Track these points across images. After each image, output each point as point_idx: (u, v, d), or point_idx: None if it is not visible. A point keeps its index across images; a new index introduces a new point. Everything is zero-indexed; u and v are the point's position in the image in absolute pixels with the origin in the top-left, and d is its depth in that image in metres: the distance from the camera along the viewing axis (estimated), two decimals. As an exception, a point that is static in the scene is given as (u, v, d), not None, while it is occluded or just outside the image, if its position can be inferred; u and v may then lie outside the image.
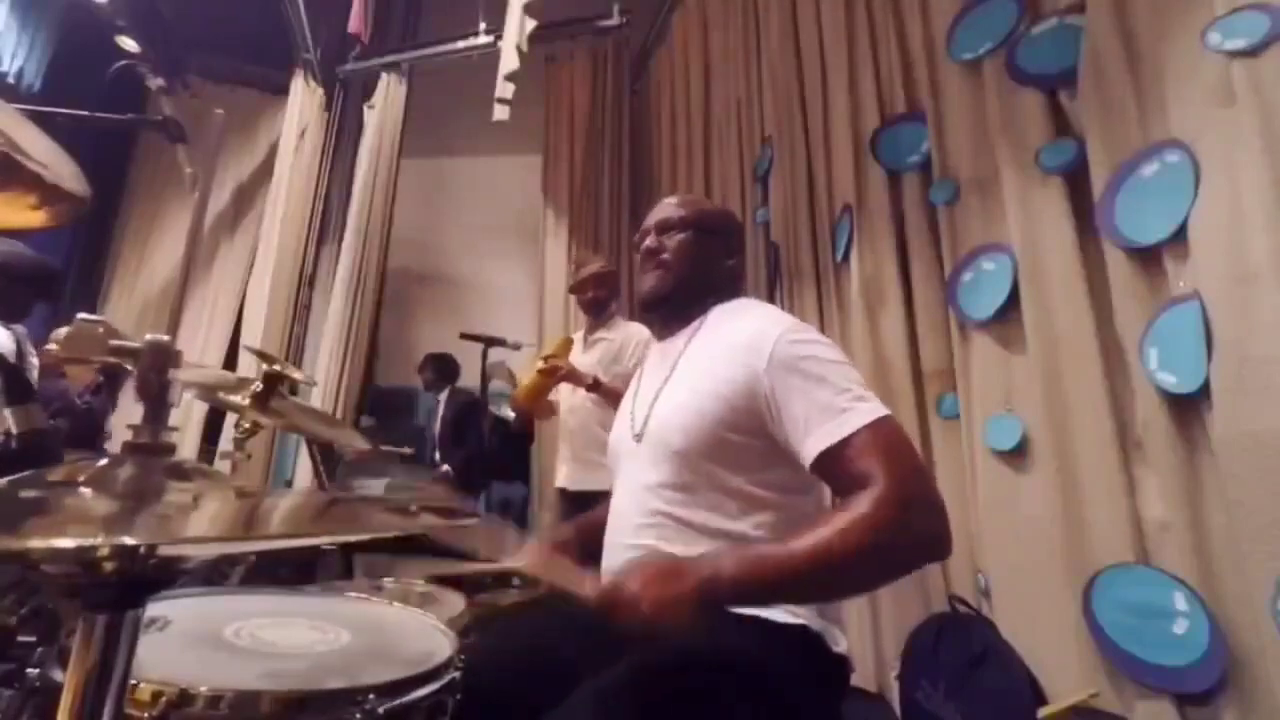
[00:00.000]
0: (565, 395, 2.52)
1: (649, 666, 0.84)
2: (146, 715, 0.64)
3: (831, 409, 0.85)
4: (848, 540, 0.76)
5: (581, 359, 2.46)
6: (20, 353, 2.11)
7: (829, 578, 0.80)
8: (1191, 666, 1.44)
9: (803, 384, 0.88)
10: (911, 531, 0.79)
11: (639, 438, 1.03)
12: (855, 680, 2.15)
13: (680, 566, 0.78)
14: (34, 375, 2.19)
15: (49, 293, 2.24)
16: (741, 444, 0.93)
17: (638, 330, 2.38)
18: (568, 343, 2.56)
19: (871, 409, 0.85)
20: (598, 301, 2.53)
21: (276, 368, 1.19)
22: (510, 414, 3.69)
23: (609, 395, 2.25)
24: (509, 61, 3.58)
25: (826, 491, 1.06)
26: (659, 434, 0.99)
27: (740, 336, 0.96)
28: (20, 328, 2.15)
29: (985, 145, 2.09)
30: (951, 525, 0.82)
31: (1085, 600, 1.63)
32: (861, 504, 0.78)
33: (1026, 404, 1.88)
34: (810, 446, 0.86)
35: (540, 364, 2.37)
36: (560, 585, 0.80)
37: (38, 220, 1.01)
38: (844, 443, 0.83)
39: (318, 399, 4.23)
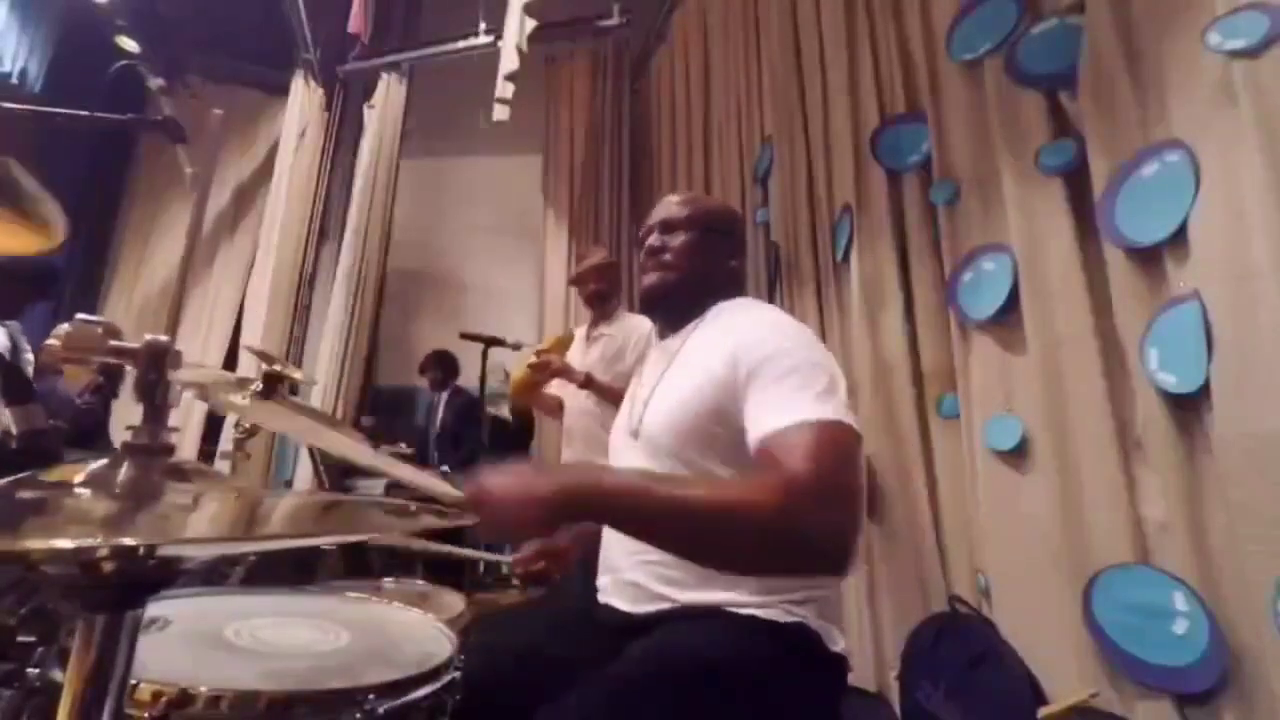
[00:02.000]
0: (570, 398, 2.51)
1: (645, 665, 0.84)
2: (146, 715, 0.64)
3: (784, 403, 0.82)
4: (734, 504, 0.71)
5: (584, 356, 2.45)
6: (15, 348, 2.11)
7: (706, 538, 0.73)
8: (1191, 666, 1.43)
9: (766, 379, 0.87)
10: (807, 524, 0.71)
11: (636, 434, 1.03)
12: (855, 680, 2.16)
13: (548, 470, 0.75)
14: (29, 371, 2.19)
15: (45, 292, 2.23)
16: (734, 440, 0.92)
17: (640, 324, 2.36)
18: (566, 339, 2.55)
19: (824, 409, 0.80)
20: (598, 294, 2.50)
21: (276, 368, 1.19)
22: (508, 414, 3.70)
23: (603, 393, 2.24)
24: (509, 61, 3.58)
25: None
26: (654, 430, 1.00)
27: (733, 335, 0.96)
28: (14, 323, 2.15)
29: (985, 145, 2.08)
30: (951, 525, 0.80)
31: (1085, 600, 1.63)
32: (765, 477, 0.75)
33: (1026, 404, 1.88)
34: (752, 436, 0.83)
35: (532, 359, 2.37)
36: (433, 489, 0.76)
37: (22, 246, 1.01)
38: (781, 432, 0.79)
39: (318, 399, 4.23)
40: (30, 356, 2.24)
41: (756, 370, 0.88)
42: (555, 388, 2.55)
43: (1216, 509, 1.44)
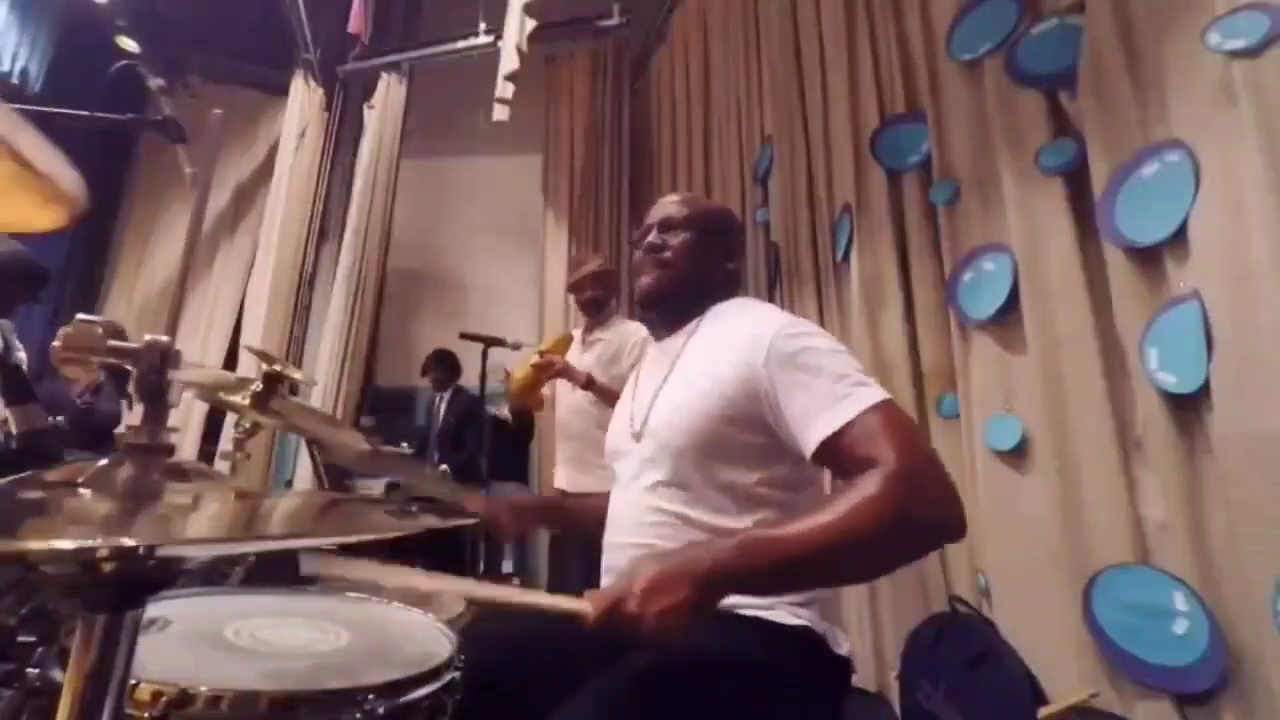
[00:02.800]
0: (564, 396, 2.52)
1: (651, 667, 0.84)
2: (146, 715, 0.64)
3: (830, 397, 0.84)
4: (855, 521, 0.74)
5: (580, 359, 2.46)
6: (7, 348, 2.10)
7: (836, 561, 0.77)
8: (1191, 666, 1.43)
9: (801, 376, 0.88)
10: (922, 510, 0.76)
11: (638, 437, 1.03)
12: (855, 680, 2.16)
13: (676, 571, 0.74)
14: (23, 369, 2.19)
15: (35, 293, 2.22)
16: (742, 440, 0.93)
17: (635, 330, 2.37)
18: (566, 339, 2.56)
19: (871, 393, 0.84)
20: (595, 301, 2.51)
21: (276, 368, 1.19)
22: (507, 414, 3.69)
23: (603, 394, 2.25)
24: (509, 61, 3.58)
25: (827, 486, 1.06)
26: (659, 433, 0.99)
27: (738, 333, 0.96)
28: (6, 322, 2.15)
29: (985, 145, 2.08)
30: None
31: (1085, 600, 1.63)
32: (869, 483, 0.75)
33: (1026, 404, 1.88)
34: (811, 437, 0.84)
35: (535, 358, 2.37)
36: (557, 605, 0.76)
37: (42, 223, 1.01)
38: (845, 428, 0.82)
39: (318, 399, 4.23)
40: (23, 355, 2.24)
41: (781, 372, 0.89)
42: (547, 386, 2.56)
43: (1216, 509, 1.44)
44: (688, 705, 0.81)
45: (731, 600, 0.89)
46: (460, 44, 4.59)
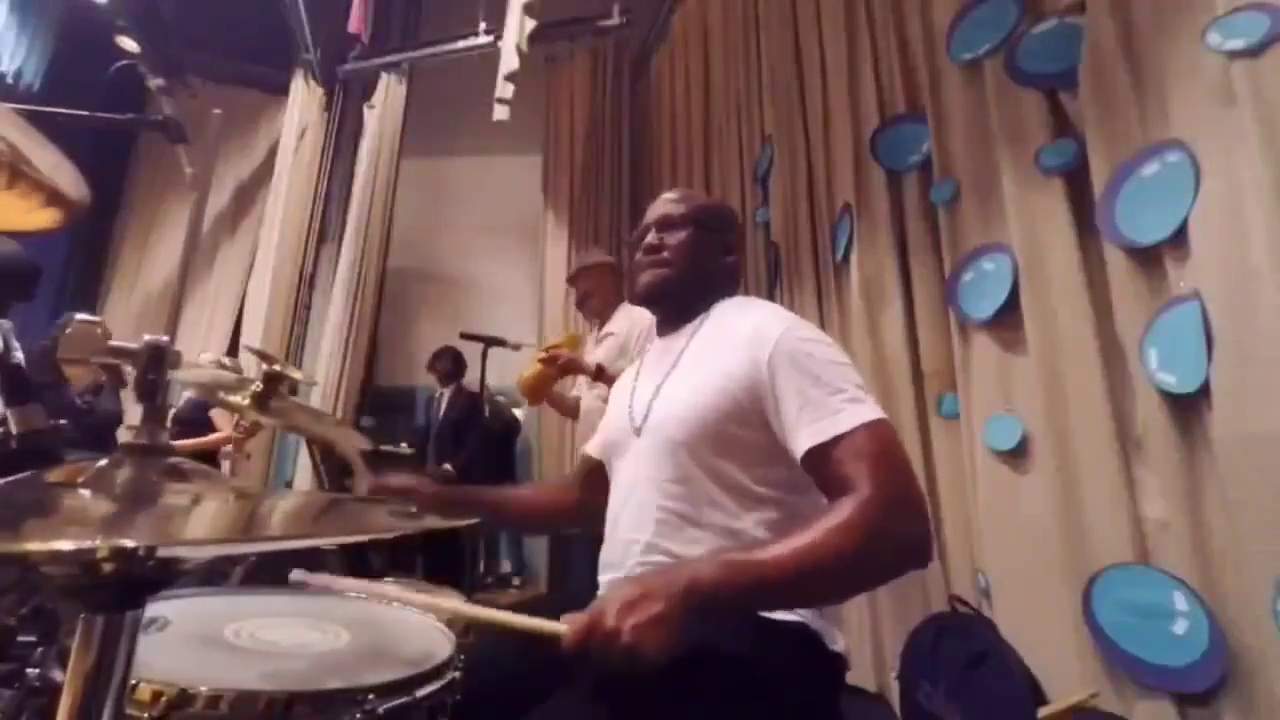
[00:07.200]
0: (582, 397, 2.53)
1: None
2: (146, 715, 0.64)
3: (825, 407, 0.85)
4: (828, 547, 0.76)
5: (592, 357, 2.46)
6: (6, 349, 2.10)
7: (808, 584, 0.79)
8: (1191, 666, 1.43)
9: (800, 380, 0.88)
10: (892, 540, 0.79)
11: (639, 432, 1.03)
12: (855, 680, 2.16)
13: (651, 587, 0.74)
14: (23, 369, 2.18)
15: (28, 291, 2.21)
16: (744, 438, 0.93)
17: (640, 316, 2.35)
18: (575, 338, 2.57)
19: (864, 411, 0.84)
20: (585, 297, 2.54)
21: (276, 368, 1.19)
22: (519, 413, 3.71)
23: (613, 385, 2.25)
24: (509, 61, 3.58)
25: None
26: (661, 428, 0.99)
27: (744, 331, 0.96)
28: (6, 322, 2.14)
29: (985, 145, 2.08)
30: (951, 525, 0.82)
31: (1085, 600, 1.63)
32: (844, 509, 0.78)
33: (1026, 404, 1.88)
34: (800, 443, 0.86)
35: (542, 354, 2.37)
36: (535, 627, 0.75)
37: (42, 221, 1.01)
38: (833, 442, 0.83)
39: (318, 399, 4.23)
40: (21, 356, 2.23)
41: (782, 371, 0.89)
42: (567, 388, 2.57)
43: (1216, 509, 1.44)
44: (682, 699, 0.81)
45: None
46: (460, 44, 4.60)
